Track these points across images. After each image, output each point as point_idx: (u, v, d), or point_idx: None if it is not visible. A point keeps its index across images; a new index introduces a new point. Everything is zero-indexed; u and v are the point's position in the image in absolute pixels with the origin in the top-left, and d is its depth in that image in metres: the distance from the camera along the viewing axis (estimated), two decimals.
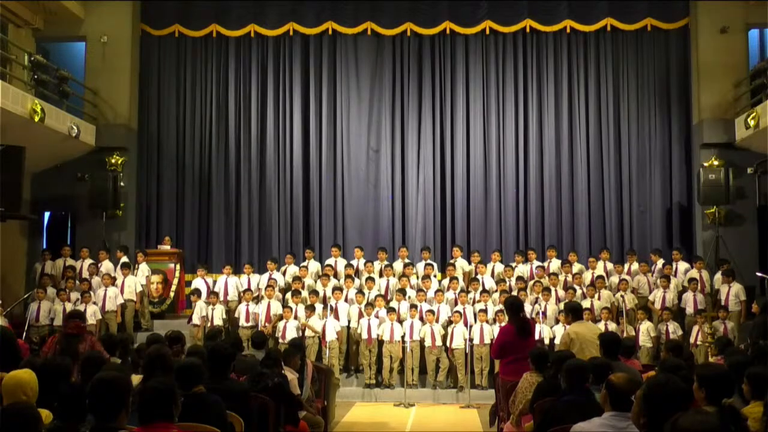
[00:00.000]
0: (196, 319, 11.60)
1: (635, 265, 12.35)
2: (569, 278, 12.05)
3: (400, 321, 11.26)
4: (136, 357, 6.40)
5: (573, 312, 7.49)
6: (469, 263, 12.68)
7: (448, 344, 11.13)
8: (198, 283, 12.35)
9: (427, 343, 11.11)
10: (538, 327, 10.54)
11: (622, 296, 11.43)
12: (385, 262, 12.47)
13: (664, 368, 5.16)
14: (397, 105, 14.38)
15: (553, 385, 5.45)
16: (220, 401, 4.53)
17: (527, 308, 10.85)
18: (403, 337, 11.05)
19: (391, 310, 11.23)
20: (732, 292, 11.28)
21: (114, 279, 12.03)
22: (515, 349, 7.08)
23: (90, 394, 3.52)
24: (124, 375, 3.77)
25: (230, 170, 14.39)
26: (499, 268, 12.55)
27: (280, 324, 11.22)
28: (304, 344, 9.28)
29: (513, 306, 7.50)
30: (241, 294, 12.05)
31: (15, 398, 3.95)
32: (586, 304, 11.16)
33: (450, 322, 11.30)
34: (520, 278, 11.97)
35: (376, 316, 11.27)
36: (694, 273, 11.85)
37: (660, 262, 12.24)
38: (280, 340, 10.73)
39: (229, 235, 14.30)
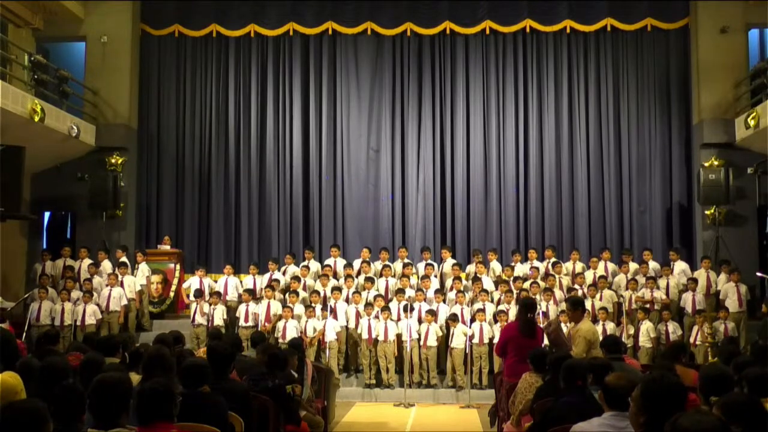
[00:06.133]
0: (199, 319, 11.60)
1: (632, 264, 12.34)
2: (564, 279, 12.05)
3: (397, 321, 11.25)
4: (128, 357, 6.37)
5: (579, 306, 7.41)
6: (469, 262, 12.70)
7: (448, 344, 11.13)
8: (194, 283, 12.33)
9: (430, 342, 11.11)
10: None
11: (630, 295, 11.44)
12: (386, 262, 12.46)
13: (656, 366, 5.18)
14: (397, 105, 14.37)
15: (555, 386, 5.44)
16: (223, 402, 4.54)
17: None
18: (400, 336, 11.06)
19: (385, 309, 11.22)
20: (742, 291, 11.34)
21: (117, 278, 12.01)
22: (520, 348, 7.02)
23: (91, 395, 3.52)
24: (125, 376, 3.76)
25: (230, 170, 14.39)
26: (497, 267, 12.59)
27: (280, 324, 11.23)
28: (303, 344, 9.27)
29: (525, 306, 7.45)
30: (241, 294, 12.04)
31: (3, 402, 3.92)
32: (586, 304, 11.18)
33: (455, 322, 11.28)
34: (518, 278, 11.97)
35: (376, 317, 11.27)
36: (701, 273, 11.90)
37: (651, 263, 12.24)
38: (280, 340, 10.72)
39: (229, 235, 14.30)
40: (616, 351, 6.35)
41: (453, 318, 11.12)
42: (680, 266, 12.20)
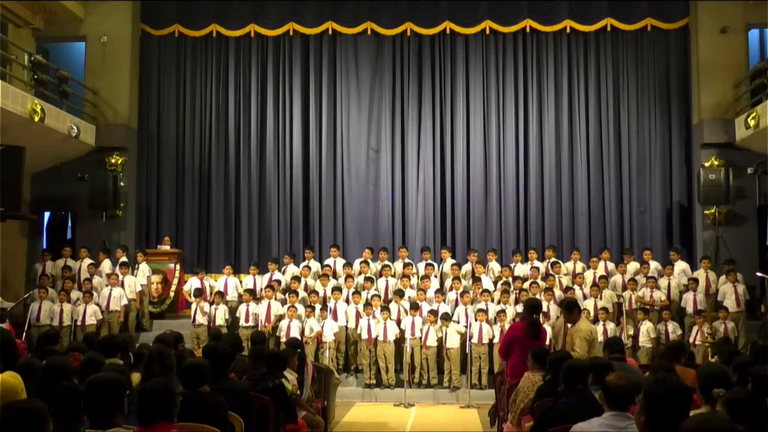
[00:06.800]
0: (200, 319, 11.58)
1: (633, 264, 12.35)
2: (563, 279, 12.05)
3: (398, 321, 11.24)
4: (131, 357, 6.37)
5: (574, 307, 7.42)
6: (466, 262, 12.70)
7: (443, 344, 11.11)
8: (194, 283, 12.30)
9: (430, 342, 11.10)
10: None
11: (630, 295, 11.44)
12: (385, 262, 12.45)
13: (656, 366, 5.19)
14: (397, 105, 14.37)
15: (555, 386, 5.44)
16: (223, 402, 4.54)
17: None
18: (403, 335, 11.05)
19: (384, 309, 11.21)
20: (740, 291, 11.33)
21: (118, 278, 12.00)
22: (525, 349, 6.97)
23: (85, 395, 3.51)
24: (119, 376, 3.75)
25: (230, 170, 14.39)
26: (496, 267, 12.58)
27: (282, 323, 11.22)
28: (303, 344, 9.27)
29: (531, 307, 7.44)
30: (241, 294, 12.04)
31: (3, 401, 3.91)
32: (588, 304, 11.19)
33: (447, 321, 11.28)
34: (518, 278, 11.96)
35: (374, 317, 11.26)
36: (701, 273, 11.89)
37: (652, 263, 12.24)
38: (283, 339, 10.70)
39: (229, 235, 14.30)
40: (617, 351, 6.39)
41: (445, 318, 11.12)
42: (680, 266, 12.20)
